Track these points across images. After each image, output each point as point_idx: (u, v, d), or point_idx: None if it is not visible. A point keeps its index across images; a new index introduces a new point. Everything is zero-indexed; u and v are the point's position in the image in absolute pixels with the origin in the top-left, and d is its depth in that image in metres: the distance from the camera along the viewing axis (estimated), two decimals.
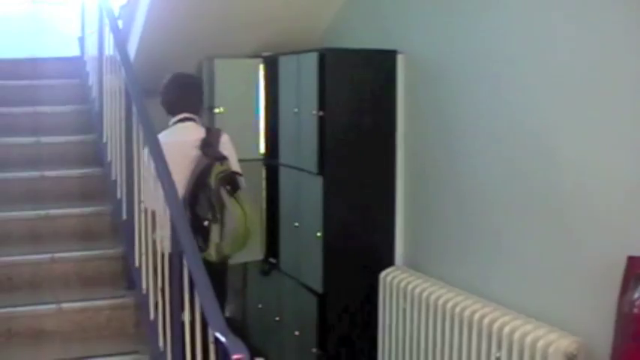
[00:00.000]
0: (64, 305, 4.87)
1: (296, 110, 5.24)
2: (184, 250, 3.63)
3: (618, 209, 3.43)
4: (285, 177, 5.57)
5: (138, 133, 4.70)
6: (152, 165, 4.23)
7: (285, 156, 5.53)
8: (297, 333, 5.42)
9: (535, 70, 3.92)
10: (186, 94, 5.26)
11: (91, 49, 6.77)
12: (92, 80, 6.62)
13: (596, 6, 3.52)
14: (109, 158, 5.64)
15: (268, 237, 5.97)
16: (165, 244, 4.15)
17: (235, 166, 5.06)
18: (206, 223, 4.78)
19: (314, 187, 5.05)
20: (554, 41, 3.78)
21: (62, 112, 6.63)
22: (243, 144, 5.97)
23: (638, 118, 3.31)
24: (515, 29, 4.07)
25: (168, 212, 3.94)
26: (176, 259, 3.80)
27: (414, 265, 5.00)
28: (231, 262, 5.32)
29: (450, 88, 4.63)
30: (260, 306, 6.17)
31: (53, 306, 4.84)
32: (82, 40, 7.55)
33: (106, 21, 5.73)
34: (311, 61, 5.03)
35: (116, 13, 6.13)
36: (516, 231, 4.08)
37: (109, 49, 5.71)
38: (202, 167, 4.81)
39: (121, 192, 5.27)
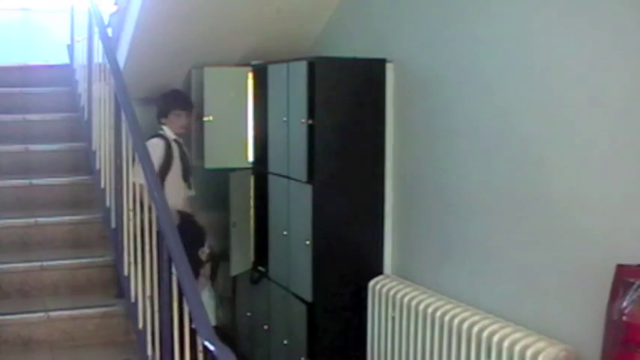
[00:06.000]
0: (54, 313, 4.86)
1: (285, 119, 5.24)
2: (173, 257, 3.63)
3: (607, 217, 3.44)
4: (274, 185, 5.57)
5: (127, 141, 4.70)
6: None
7: (274, 164, 5.53)
8: (286, 341, 5.42)
9: (524, 78, 3.93)
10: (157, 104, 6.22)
11: (81, 57, 6.77)
12: (81, 88, 6.62)
13: (584, 13, 3.54)
14: (98, 166, 5.64)
15: (257, 245, 5.97)
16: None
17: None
18: None
19: (303, 195, 5.05)
20: (544, 49, 3.79)
21: (51, 120, 6.63)
22: (232, 152, 5.99)
23: (627, 126, 3.32)
24: (504, 38, 4.08)
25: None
26: (165, 266, 3.80)
27: (403, 273, 5.01)
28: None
29: (438, 96, 4.64)
30: (249, 314, 6.16)
31: (42, 314, 4.84)
32: (71, 48, 7.55)
33: (96, 29, 5.73)
34: (300, 69, 5.03)
35: (106, 20, 6.13)
36: (505, 239, 4.09)
37: (99, 56, 5.71)
38: None
39: (110, 200, 5.26)
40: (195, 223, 6.18)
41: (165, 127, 6.04)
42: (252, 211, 6.00)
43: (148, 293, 4.32)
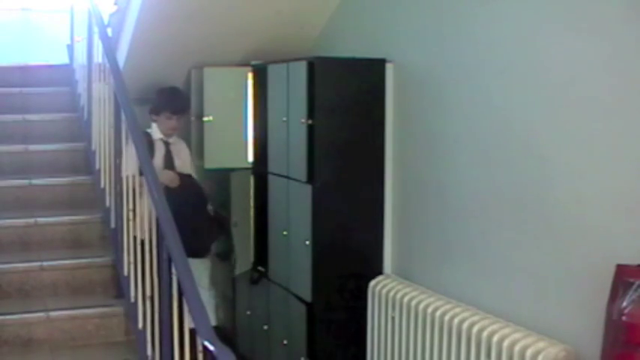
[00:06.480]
0: (53, 313, 4.86)
1: (285, 119, 5.24)
2: (173, 257, 3.63)
3: (607, 217, 3.44)
4: (274, 185, 5.57)
5: (127, 141, 4.70)
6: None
7: (274, 164, 5.53)
8: (285, 342, 5.42)
9: (524, 78, 3.93)
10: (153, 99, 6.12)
11: (80, 57, 6.77)
12: (81, 88, 6.62)
13: (583, 13, 3.54)
14: (97, 166, 5.64)
15: (257, 245, 5.96)
16: None
17: None
18: None
19: (303, 195, 5.05)
20: (543, 49, 3.79)
21: (51, 120, 6.62)
22: (232, 152, 6.00)
23: (627, 126, 3.32)
24: (503, 38, 4.08)
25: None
26: (165, 266, 3.80)
27: (403, 273, 5.01)
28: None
29: (438, 96, 4.64)
30: (249, 313, 6.17)
31: (42, 314, 4.84)
32: (70, 48, 7.55)
33: (95, 29, 5.73)
34: (300, 69, 5.03)
35: (106, 20, 6.13)
36: (505, 239, 4.09)
37: (98, 56, 5.71)
38: None
39: (109, 200, 5.26)
40: (197, 183, 6.14)
41: (154, 125, 5.98)
42: (252, 211, 6.00)
43: (147, 293, 4.32)
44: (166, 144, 5.97)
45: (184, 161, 6.09)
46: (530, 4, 3.91)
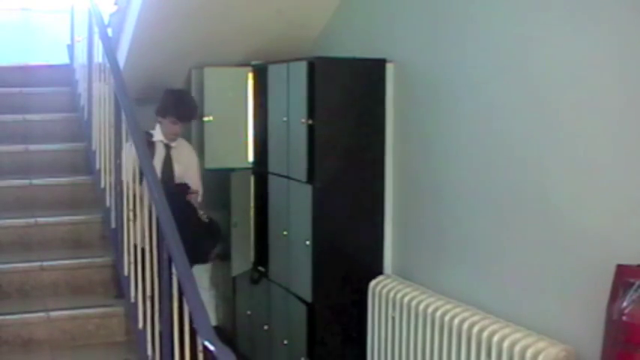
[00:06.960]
0: (54, 313, 4.85)
1: (285, 119, 5.24)
2: (173, 257, 3.63)
3: (607, 218, 3.44)
4: (274, 185, 5.57)
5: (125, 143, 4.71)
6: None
7: (274, 164, 5.53)
8: (285, 342, 5.42)
9: (524, 79, 3.93)
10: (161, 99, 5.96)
11: (81, 57, 6.77)
12: (81, 88, 6.61)
13: (583, 14, 3.54)
14: (98, 166, 5.63)
15: (257, 245, 5.97)
16: None
17: None
18: None
19: (303, 195, 5.05)
20: (543, 51, 3.79)
21: (51, 120, 6.62)
22: (232, 152, 5.99)
23: (627, 125, 3.32)
24: (504, 39, 4.08)
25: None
26: (165, 266, 3.80)
27: (403, 273, 5.00)
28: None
29: (438, 96, 4.64)
30: (249, 313, 6.16)
31: (42, 314, 4.83)
32: (71, 48, 7.55)
33: (96, 29, 5.73)
34: (300, 69, 5.03)
35: (106, 20, 6.12)
36: (505, 240, 4.09)
37: (99, 56, 5.70)
38: None
39: (110, 200, 5.26)
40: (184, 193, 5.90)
41: (157, 126, 5.91)
42: (252, 211, 6.00)
43: (148, 293, 4.31)
44: (167, 147, 5.87)
45: (186, 167, 5.95)
46: (530, 5, 3.91)
